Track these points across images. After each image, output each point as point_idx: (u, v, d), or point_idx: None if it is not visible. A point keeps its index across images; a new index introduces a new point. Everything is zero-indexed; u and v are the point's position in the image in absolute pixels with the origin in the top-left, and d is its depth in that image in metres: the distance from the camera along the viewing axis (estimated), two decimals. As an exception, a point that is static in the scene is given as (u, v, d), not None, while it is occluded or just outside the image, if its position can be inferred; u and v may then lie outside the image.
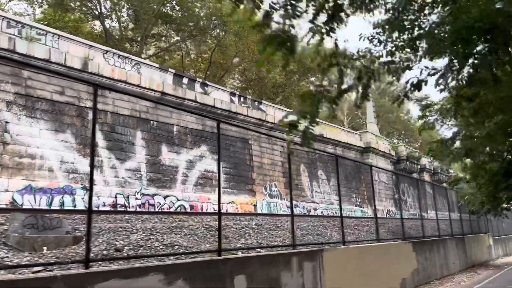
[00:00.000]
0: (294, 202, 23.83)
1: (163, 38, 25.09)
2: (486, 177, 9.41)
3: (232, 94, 20.77)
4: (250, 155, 20.88)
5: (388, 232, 13.68)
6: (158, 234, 7.51)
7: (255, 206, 20.25)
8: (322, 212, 25.25)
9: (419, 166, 42.36)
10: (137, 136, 15.60)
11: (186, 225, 9.39)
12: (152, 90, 16.10)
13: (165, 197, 15.87)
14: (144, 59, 22.00)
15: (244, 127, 16.46)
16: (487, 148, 8.35)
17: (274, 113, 23.19)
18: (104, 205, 14.06)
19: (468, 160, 8.96)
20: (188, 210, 16.78)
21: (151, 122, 16.18)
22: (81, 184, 13.48)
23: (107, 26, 22.61)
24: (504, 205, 14.40)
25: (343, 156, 29.76)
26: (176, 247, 6.97)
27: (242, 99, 21.33)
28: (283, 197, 22.41)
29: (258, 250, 7.02)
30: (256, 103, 22.36)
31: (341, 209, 8.33)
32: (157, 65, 17.44)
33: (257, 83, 27.88)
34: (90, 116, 14.49)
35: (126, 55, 15.62)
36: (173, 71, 17.91)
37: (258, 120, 21.39)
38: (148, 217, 11.11)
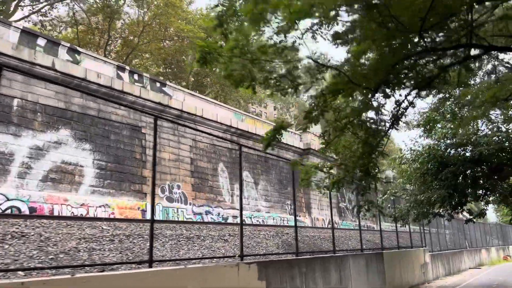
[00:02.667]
0: (205, 208, 19.75)
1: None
2: (351, 138, 5.58)
3: (120, 68, 16.56)
4: (142, 147, 16.66)
5: (284, 244, 9.89)
6: None
7: (143, 211, 15.98)
8: (244, 220, 21.28)
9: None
10: None
11: None
12: (-26, 45, 11.66)
13: (-18, 195, 11.35)
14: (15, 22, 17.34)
15: (139, 109, 12.37)
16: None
17: (183, 99, 19.18)
18: None
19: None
20: (26, 213, 12.30)
21: (-28, 90, 11.69)
22: None
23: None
24: (436, 210, 11.05)
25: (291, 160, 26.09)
26: None
27: (136, 76, 17.15)
28: (189, 201, 18.25)
29: None
30: (158, 84, 18.25)
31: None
32: (-9, 15, 12.99)
33: (179, 69, 23.80)
34: None
35: None
36: (21, 26, 13.51)
37: (158, 105, 17.27)
38: None
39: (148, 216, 16.18)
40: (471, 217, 11.42)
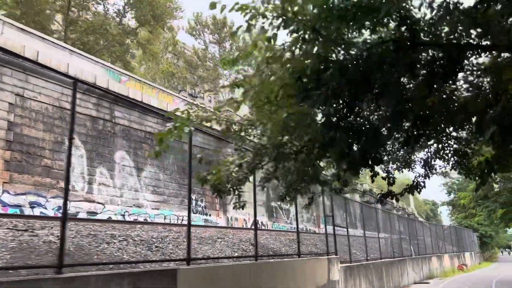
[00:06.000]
0: (30, 198, 13.27)
1: None
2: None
3: None
4: None
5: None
6: None
7: None
8: (110, 217, 14.99)
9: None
10: None
11: None
12: None
13: None
14: None
15: None
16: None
17: (1, 32, 12.74)
18: None
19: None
20: None
21: None
22: None
23: None
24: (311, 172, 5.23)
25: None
26: None
27: None
28: (-4, 185, 11.70)
29: None
30: None
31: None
32: None
33: (43, 16, 17.28)
34: None
35: None
36: None
37: None
38: None
39: None
40: (392, 191, 5.66)
